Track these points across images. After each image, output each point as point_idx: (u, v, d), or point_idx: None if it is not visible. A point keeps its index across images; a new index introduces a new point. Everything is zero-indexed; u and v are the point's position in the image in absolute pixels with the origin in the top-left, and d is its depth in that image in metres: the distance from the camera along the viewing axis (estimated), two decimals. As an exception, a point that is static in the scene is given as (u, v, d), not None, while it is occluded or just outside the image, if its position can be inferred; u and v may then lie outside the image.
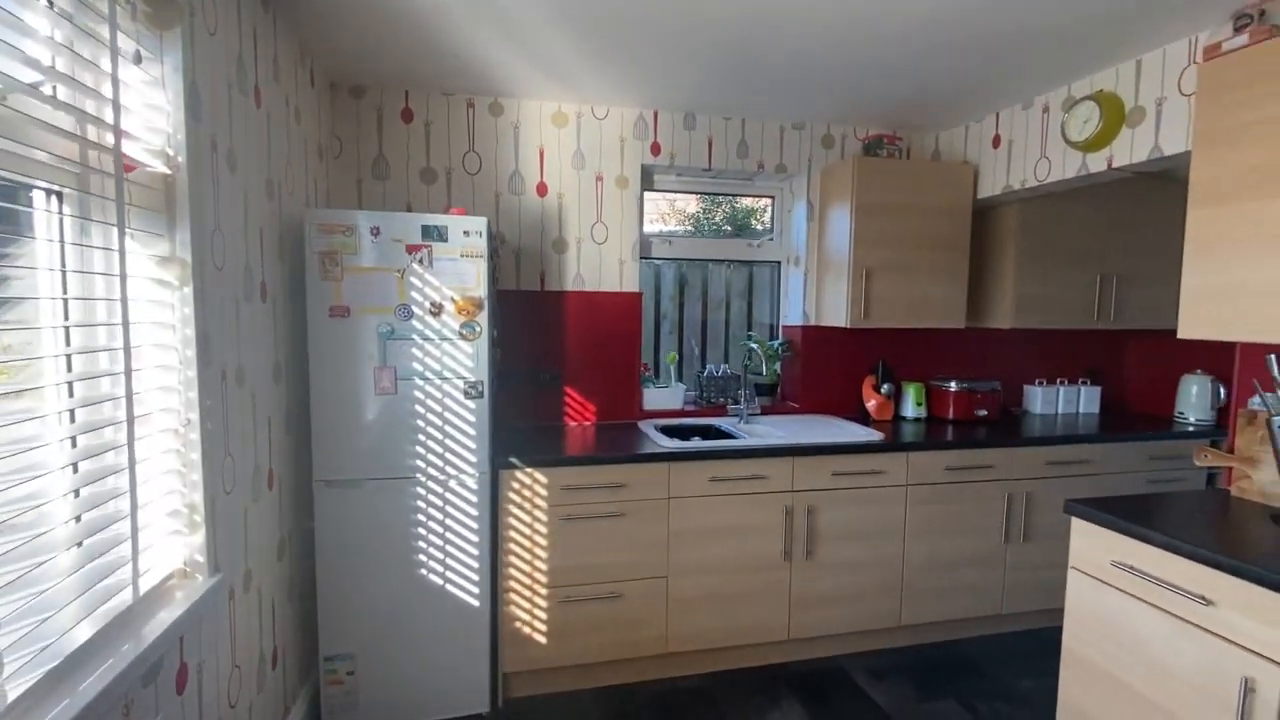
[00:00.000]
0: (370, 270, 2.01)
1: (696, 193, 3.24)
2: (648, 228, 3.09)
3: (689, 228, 3.39)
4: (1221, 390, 2.97)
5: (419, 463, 2.10)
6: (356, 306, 2.01)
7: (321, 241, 1.97)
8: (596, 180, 2.82)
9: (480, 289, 2.10)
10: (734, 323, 3.34)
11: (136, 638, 1.14)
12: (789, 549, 2.45)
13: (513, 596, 2.25)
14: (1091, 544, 1.69)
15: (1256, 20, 1.61)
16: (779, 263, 3.28)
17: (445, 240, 2.06)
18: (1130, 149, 2.21)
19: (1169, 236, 3.00)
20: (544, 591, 2.27)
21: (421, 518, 2.11)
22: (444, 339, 2.09)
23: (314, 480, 2.03)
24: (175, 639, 1.25)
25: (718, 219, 3.49)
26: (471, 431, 2.14)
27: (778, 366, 3.13)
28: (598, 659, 2.33)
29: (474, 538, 2.16)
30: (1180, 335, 1.72)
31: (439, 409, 2.11)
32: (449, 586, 2.15)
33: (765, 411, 3.05)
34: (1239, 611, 1.35)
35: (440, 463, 2.12)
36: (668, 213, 3.38)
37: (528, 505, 2.24)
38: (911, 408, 3.05)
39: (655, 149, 2.87)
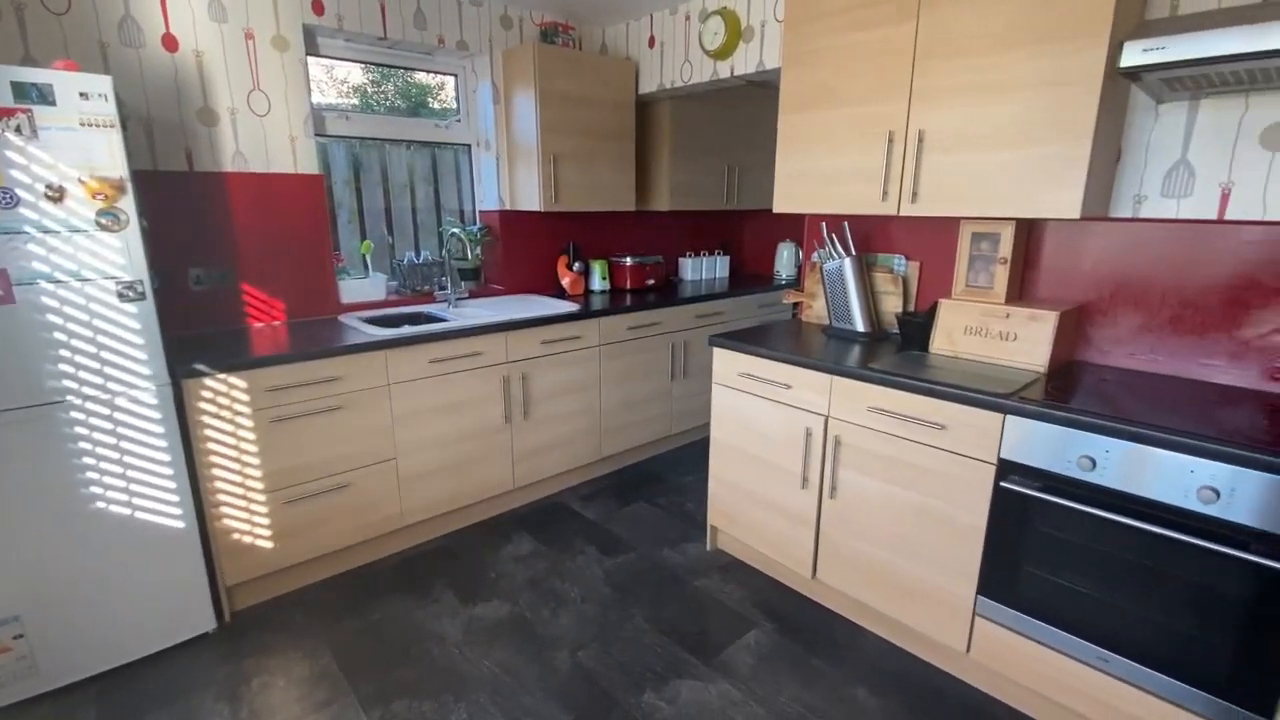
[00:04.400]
0: (-70, 139, 1.49)
1: (372, 63, 2.99)
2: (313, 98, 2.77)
3: (355, 102, 3.10)
4: (800, 253, 4.11)
5: (67, 383, 1.75)
6: (-84, 189, 1.49)
7: None
8: (246, 38, 2.41)
9: (118, 167, 1.73)
10: (421, 209, 3.26)
11: None
12: (509, 413, 2.75)
13: (224, 510, 2.10)
14: (726, 364, 2.34)
15: (817, -30, 2.18)
16: (468, 146, 3.29)
17: (53, 104, 1.62)
18: (745, 61, 2.80)
19: (768, 135, 3.89)
20: (261, 497, 2.17)
21: (85, 445, 1.79)
22: (75, 231, 1.70)
23: (-105, 425, 1.55)
24: None
25: (388, 93, 3.26)
26: (138, 340, 1.84)
27: (479, 251, 3.25)
28: (331, 548, 2.37)
29: (164, 457, 1.93)
30: (775, 210, 2.39)
31: (85, 317, 1.75)
32: (139, 515, 1.91)
33: (472, 295, 3.19)
34: (804, 389, 2.09)
35: (99, 380, 1.79)
36: (325, 81, 3.01)
37: (227, 413, 2.06)
38: (598, 281, 3.52)
39: (318, 8, 2.55)
